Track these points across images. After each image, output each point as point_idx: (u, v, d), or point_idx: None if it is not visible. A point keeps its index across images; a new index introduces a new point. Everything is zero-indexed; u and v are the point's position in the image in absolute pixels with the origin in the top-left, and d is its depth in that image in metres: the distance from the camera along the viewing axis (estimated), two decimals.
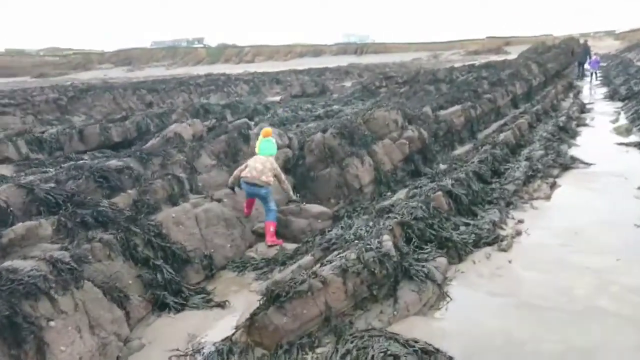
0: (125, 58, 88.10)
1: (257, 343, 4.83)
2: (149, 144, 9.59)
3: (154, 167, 7.68)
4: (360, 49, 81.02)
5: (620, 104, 19.11)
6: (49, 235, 5.66)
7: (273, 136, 8.72)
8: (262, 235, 8.21)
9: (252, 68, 67.92)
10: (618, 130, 14.43)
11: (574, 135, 13.51)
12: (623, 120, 15.83)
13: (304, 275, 5.17)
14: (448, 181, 8.09)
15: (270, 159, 7.93)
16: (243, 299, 6.29)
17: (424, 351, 4.43)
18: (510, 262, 6.65)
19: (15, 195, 6.17)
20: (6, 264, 4.83)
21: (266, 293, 5.07)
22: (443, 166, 9.96)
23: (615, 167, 10.55)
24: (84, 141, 15.20)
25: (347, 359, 4.42)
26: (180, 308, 5.96)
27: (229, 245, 7.32)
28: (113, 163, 7.10)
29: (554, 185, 9.55)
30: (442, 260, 6.40)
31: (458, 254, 6.79)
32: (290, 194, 8.27)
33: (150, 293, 5.90)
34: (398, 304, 5.41)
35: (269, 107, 23.66)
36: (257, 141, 8.50)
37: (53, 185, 6.57)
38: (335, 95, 30.60)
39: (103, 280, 5.31)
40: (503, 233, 7.47)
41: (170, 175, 7.29)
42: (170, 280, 6.13)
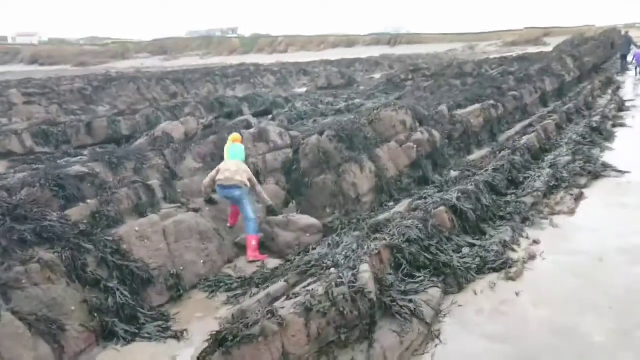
0: (161, 47, 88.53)
1: None
2: (136, 143, 8.88)
3: (126, 173, 6.94)
4: (393, 39, 78.98)
5: None
6: None
7: (242, 142, 7.92)
8: (242, 248, 7.41)
9: (285, 58, 67.12)
10: None
11: (608, 137, 12.10)
12: None
13: (258, 314, 4.32)
14: (454, 194, 7.07)
15: (241, 163, 7.35)
16: (205, 328, 5.49)
17: None
18: (517, 295, 5.64)
19: None
20: None
21: (210, 337, 4.24)
22: (455, 173, 8.91)
23: None
24: (92, 134, 14.70)
25: None
26: (131, 338, 5.20)
27: (202, 261, 6.53)
28: (75, 169, 6.37)
29: (579, 198, 8.39)
30: (435, 291, 5.44)
31: (457, 282, 5.82)
32: (265, 200, 7.53)
33: (98, 320, 5.16)
34: (373, 349, 4.51)
35: (289, 100, 22.83)
36: (226, 146, 7.76)
37: None
38: (362, 88, 29.54)
39: (32, 310, 4.58)
40: (514, 256, 6.44)
41: (138, 183, 6.51)
42: (124, 305, 5.39)
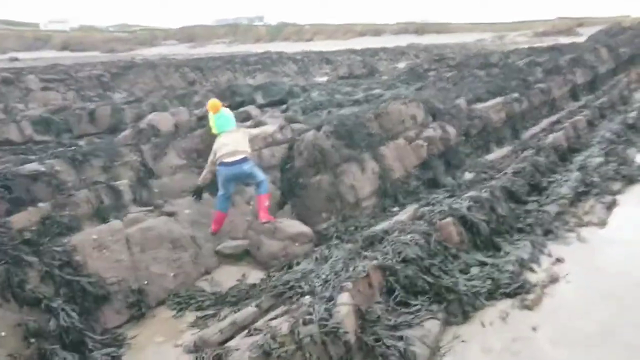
0: (188, 35, 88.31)
1: None
2: (121, 135, 8.09)
3: (93, 172, 6.13)
4: (421, 28, 76.96)
5: None
6: None
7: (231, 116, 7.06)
8: (228, 257, 6.57)
9: (311, 47, 65.99)
10: None
11: None
12: None
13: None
14: (464, 203, 6.07)
15: (236, 129, 6.74)
16: (161, 358, 4.68)
17: None
18: (534, 330, 4.66)
19: None
20: None
21: None
22: (469, 175, 7.88)
23: None
24: (95, 123, 14.07)
25: None
26: None
27: (173, 273, 5.70)
28: (29, 167, 5.59)
29: (612, 206, 7.28)
30: (433, 325, 4.49)
31: (463, 310, 4.86)
32: (268, 130, 7.42)
33: (34, 347, 4.39)
34: None
35: (306, 89, 21.90)
36: (210, 121, 6.84)
37: None
38: (384, 77, 28.42)
39: None
40: (532, 278, 5.43)
41: (101, 184, 5.70)
42: (69, 328, 4.59)
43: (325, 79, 31.04)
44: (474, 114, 9.29)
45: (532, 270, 5.62)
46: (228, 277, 6.11)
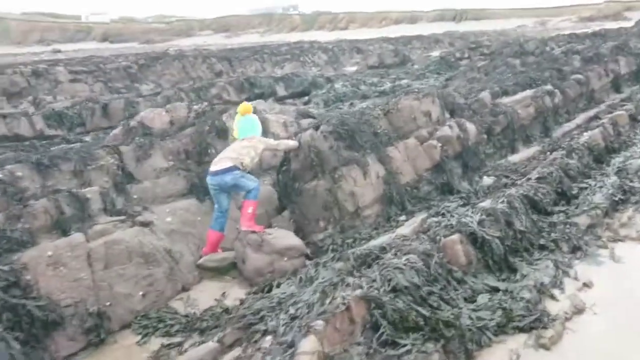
0: (223, 25, 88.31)
1: None
2: (111, 134, 7.55)
3: (62, 178, 5.57)
4: (459, 15, 74.48)
5: None
6: None
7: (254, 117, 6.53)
8: (211, 271, 5.93)
9: (345, 35, 64.82)
10: None
11: None
12: None
13: None
14: (475, 216, 5.22)
15: (250, 139, 6.19)
16: None
17: None
18: None
19: None
20: None
21: None
22: (488, 180, 6.97)
23: None
24: (108, 117, 13.69)
25: None
26: None
27: (142, 292, 5.08)
28: None
29: None
30: None
31: (465, 348, 4.06)
32: (289, 145, 6.55)
33: None
34: None
35: (331, 80, 21.10)
36: (235, 124, 6.37)
37: None
38: (416, 66, 27.27)
39: None
40: (553, 308, 4.56)
41: (63, 192, 5.12)
42: None
43: (355, 68, 30.15)
44: (499, 109, 8.32)
45: (553, 297, 4.74)
46: (207, 295, 5.47)
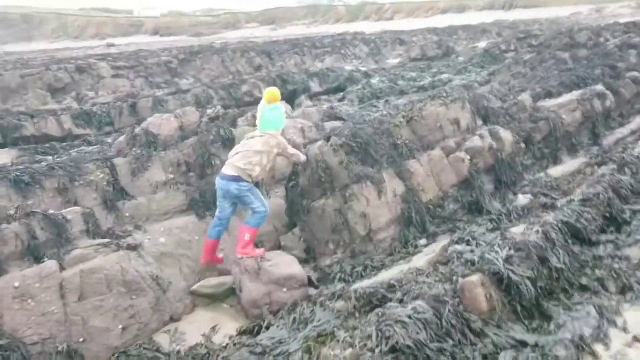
0: (269, 17, 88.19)
1: None
2: (116, 142, 7.10)
3: (46, 195, 5.10)
4: (509, 3, 71.27)
5: None
6: None
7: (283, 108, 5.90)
8: (207, 297, 5.36)
9: (391, 26, 63.28)
10: None
11: None
12: None
13: None
14: (502, 252, 4.39)
15: (269, 138, 5.42)
16: None
17: None
18: None
19: None
20: None
21: None
22: (523, 199, 6.05)
23: None
24: (136, 115, 13.38)
25: None
26: None
27: (122, 326, 4.55)
28: None
29: None
30: None
31: None
32: (300, 158, 5.75)
33: None
34: None
35: (368, 75, 20.22)
36: (258, 111, 5.72)
37: None
38: (460, 59, 25.97)
39: None
40: None
41: (39, 214, 4.63)
42: None
43: (397, 60, 29.07)
44: (540, 113, 7.33)
45: (595, 356, 3.89)
46: (197, 328, 4.90)
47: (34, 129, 11.58)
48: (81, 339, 4.31)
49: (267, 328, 4.34)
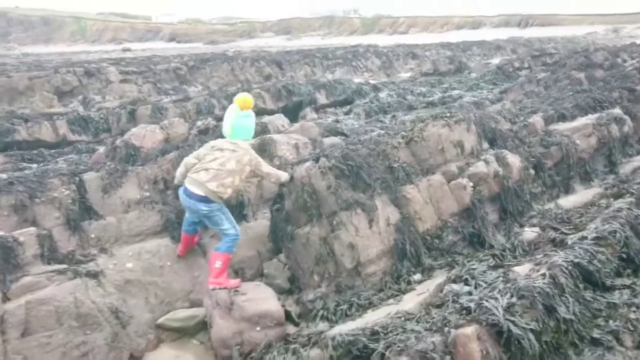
0: (285, 27, 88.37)
1: None
2: (95, 154, 6.64)
3: (1, 213, 4.63)
4: (524, 20, 70.58)
5: None
6: None
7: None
8: (175, 332, 4.83)
9: (405, 40, 62.94)
10: None
11: None
12: None
13: None
14: (502, 300, 3.82)
15: (245, 152, 4.93)
16: None
17: None
18: None
19: None
20: None
21: None
22: (530, 233, 5.46)
23: None
24: (135, 122, 12.97)
25: None
26: None
27: None
28: None
29: None
30: None
31: None
32: (279, 177, 5.22)
33: None
34: None
35: (377, 88, 19.73)
36: (228, 116, 5.03)
37: None
38: (473, 75, 25.45)
39: None
40: None
41: None
42: None
43: (409, 74, 28.64)
44: (552, 138, 6.75)
45: None
46: None
47: (26, 133, 11.18)
48: None
49: None
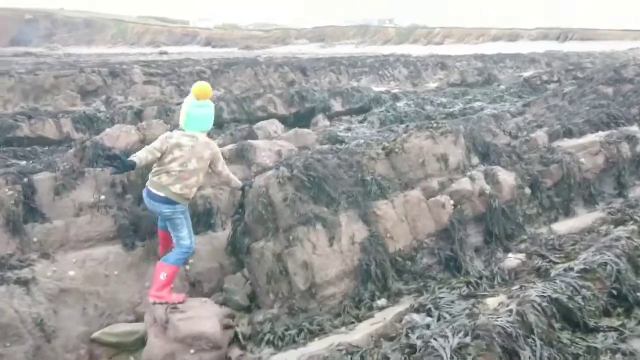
0: (319, 35, 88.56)
1: None
2: (64, 155, 6.41)
3: None
4: (564, 34, 68.58)
5: None
6: None
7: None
8: (113, 347, 4.48)
9: (439, 50, 62.02)
10: None
11: None
12: None
13: None
14: (453, 339, 3.30)
15: (205, 145, 4.61)
16: None
17: None
18: None
19: None
20: None
21: None
22: (513, 260, 4.89)
23: None
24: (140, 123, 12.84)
25: None
26: None
27: None
28: None
29: None
30: None
31: None
32: (230, 183, 4.91)
33: None
34: None
35: (398, 97, 19.23)
36: (184, 105, 4.72)
37: None
38: (502, 87, 24.65)
39: None
40: None
41: None
42: None
43: (436, 85, 28.03)
44: (553, 155, 6.15)
45: None
46: None
47: (29, 130, 11.17)
48: None
49: None
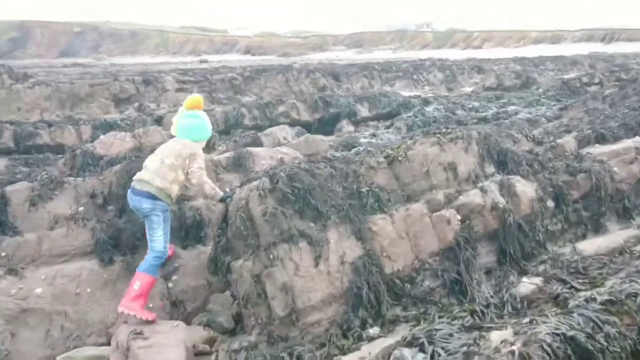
0: (357, 40, 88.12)
1: None
2: (58, 163, 6.15)
3: None
4: (609, 35, 65.57)
5: None
6: None
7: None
8: None
9: (479, 54, 60.43)
10: None
11: None
12: None
13: None
14: None
15: (185, 146, 4.42)
16: None
17: None
18: None
19: None
20: None
21: None
22: (528, 285, 4.23)
23: None
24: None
25: None
26: None
27: None
28: None
29: None
30: None
31: None
32: (205, 191, 4.53)
33: None
34: None
35: (428, 102, 18.53)
36: (175, 116, 4.72)
37: None
38: (540, 90, 23.54)
39: None
40: None
41: None
42: None
43: (472, 89, 27.11)
44: (582, 164, 5.43)
45: None
46: None
47: (48, 137, 11.15)
48: None
49: None
